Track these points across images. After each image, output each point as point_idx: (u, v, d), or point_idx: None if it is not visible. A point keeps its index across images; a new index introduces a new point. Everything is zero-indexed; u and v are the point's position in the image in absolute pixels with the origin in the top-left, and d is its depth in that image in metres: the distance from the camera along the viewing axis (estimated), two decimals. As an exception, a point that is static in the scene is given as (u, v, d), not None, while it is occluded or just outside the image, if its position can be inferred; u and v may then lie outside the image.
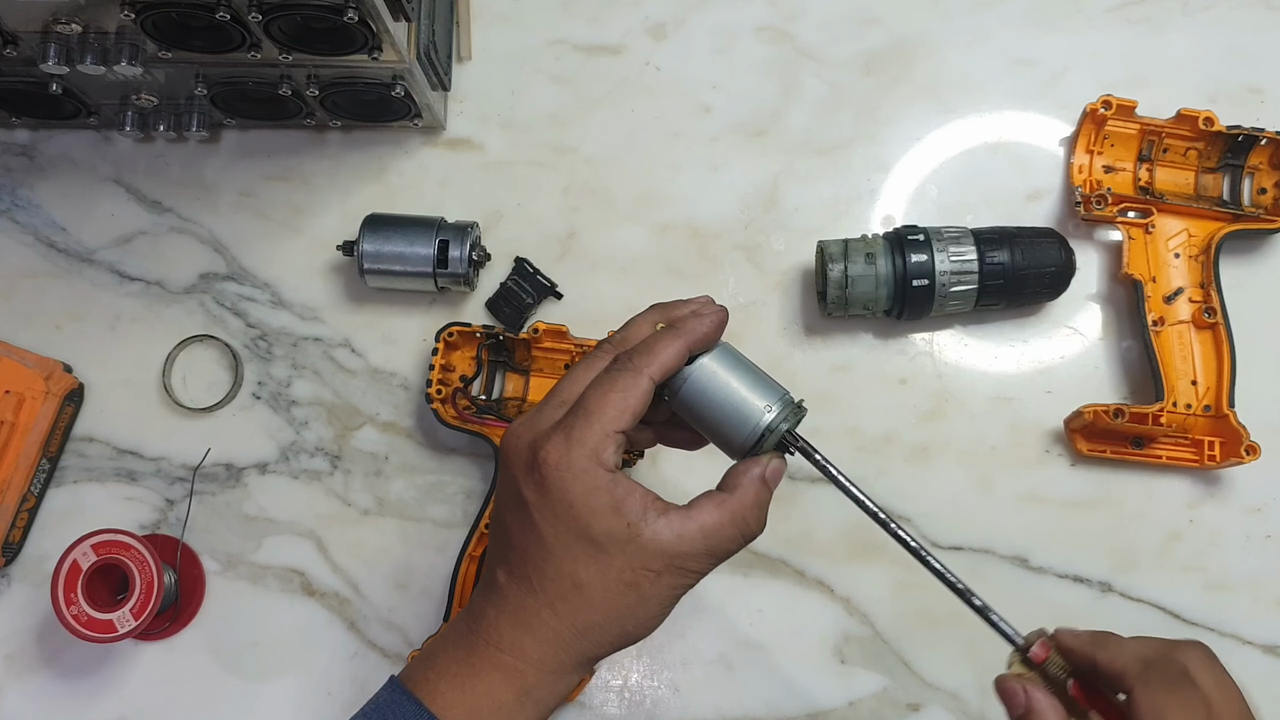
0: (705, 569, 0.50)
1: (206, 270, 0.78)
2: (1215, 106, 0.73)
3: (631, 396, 0.49)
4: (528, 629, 0.50)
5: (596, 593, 0.49)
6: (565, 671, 0.50)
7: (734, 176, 0.78)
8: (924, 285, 0.70)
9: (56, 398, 0.73)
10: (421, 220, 0.73)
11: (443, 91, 0.77)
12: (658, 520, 0.49)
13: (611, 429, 0.49)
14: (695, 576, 0.50)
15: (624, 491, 0.49)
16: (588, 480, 0.48)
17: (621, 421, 0.49)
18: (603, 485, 0.48)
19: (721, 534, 0.50)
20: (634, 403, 0.49)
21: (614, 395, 0.49)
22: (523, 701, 0.50)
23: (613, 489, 0.48)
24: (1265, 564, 0.72)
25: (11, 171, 0.79)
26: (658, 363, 0.50)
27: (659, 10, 0.80)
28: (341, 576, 0.73)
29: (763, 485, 0.51)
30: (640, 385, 0.49)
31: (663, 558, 0.49)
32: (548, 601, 0.49)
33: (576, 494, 0.48)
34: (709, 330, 0.52)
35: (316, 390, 0.76)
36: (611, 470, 0.49)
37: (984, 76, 0.79)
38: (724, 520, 0.50)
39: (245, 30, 0.63)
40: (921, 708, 0.71)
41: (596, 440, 0.48)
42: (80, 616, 0.65)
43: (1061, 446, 0.74)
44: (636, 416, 0.49)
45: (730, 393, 0.51)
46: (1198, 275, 0.73)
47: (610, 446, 0.49)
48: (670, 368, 0.51)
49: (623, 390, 0.49)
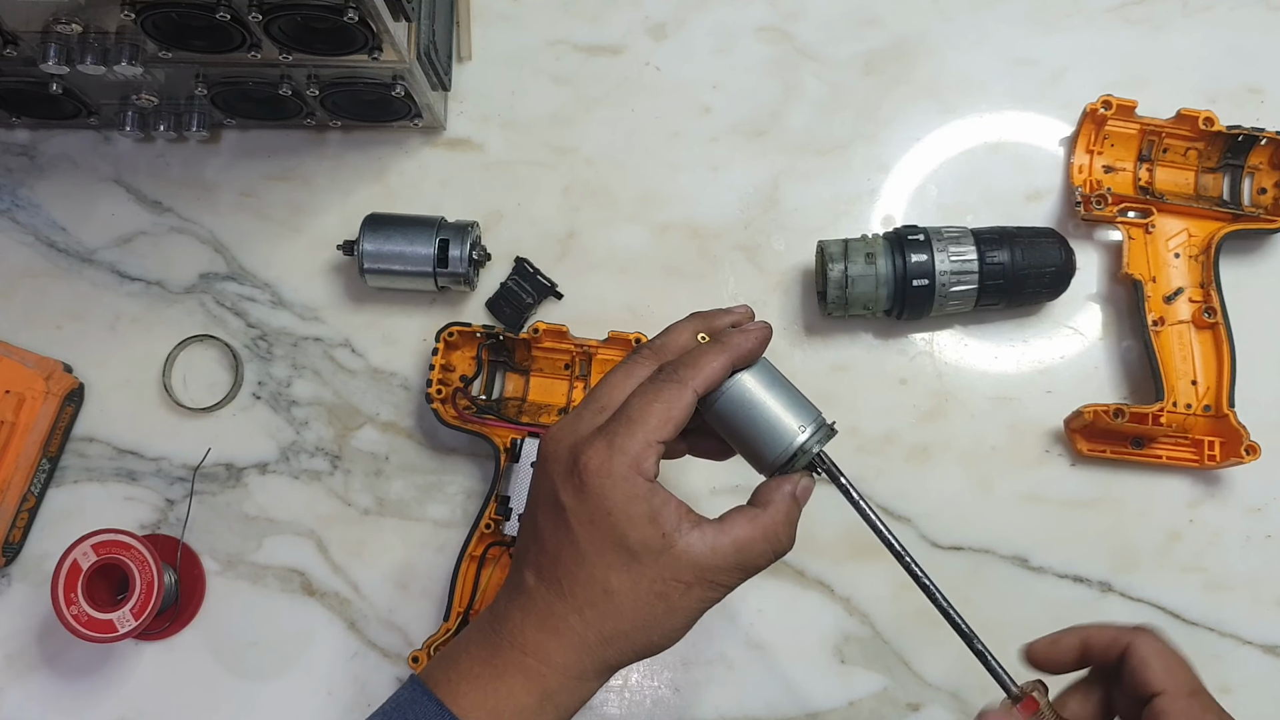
0: (734, 583, 0.51)
1: (207, 270, 0.78)
2: (1215, 106, 0.73)
3: (675, 409, 0.49)
4: (554, 633, 0.50)
5: (626, 601, 0.49)
6: (587, 678, 0.50)
7: (734, 176, 0.78)
8: (924, 285, 0.71)
9: (57, 398, 0.73)
10: (422, 220, 0.73)
11: (443, 91, 0.77)
12: (691, 532, 0.49)
13: (654, 439, 0.49)
14: (724, 590, 0.50)
15: (660, 502, 0.49)
16: (627, 488, 0.48)
17: (664, 432, 0.49)
18: (641, 494, 0.48)
19: (753, 548, 0.50)
20: (677, 414, 0.49)
21: (658, 406, 0.49)
22: (544, 706, 0.50)
23: (650, 499, 0.49)
24: (1265, 564, 0.72)
25: (12, 171, 0.79)
26: (702, 376, 0.50)
27: (659, 10, 0.80)
28: (342, 576, 0.73)
29: (794, 503, 0.51)
30: (684, 398, 0.49)
31: (694, 570, 0.49)
32: (576, 607, 0.49)
33: (615, 501, 0.48)
34: (753, 347, 0.52)
35: (317, 390, 0.76)
36: (651, 480, 0.49)
37: (984, 76, 0.79)
38: (756, 535, 0.50)
39: (245, 30, 0.63)
40: (921, 708, 0.71)
41: (638, 449, 0.48)
42: (80, 616, 0.65)
43: (1061, 446, 0.74)
44: (678, 428, 0.50)
45: (766, 410, 0.52)
46: (1198, 275, 0.73)
47: (651, 456, 0.49)
48: (714, 382, 0.51)
49: (667, 402, 0.49)
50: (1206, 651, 0.71)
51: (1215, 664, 0.71)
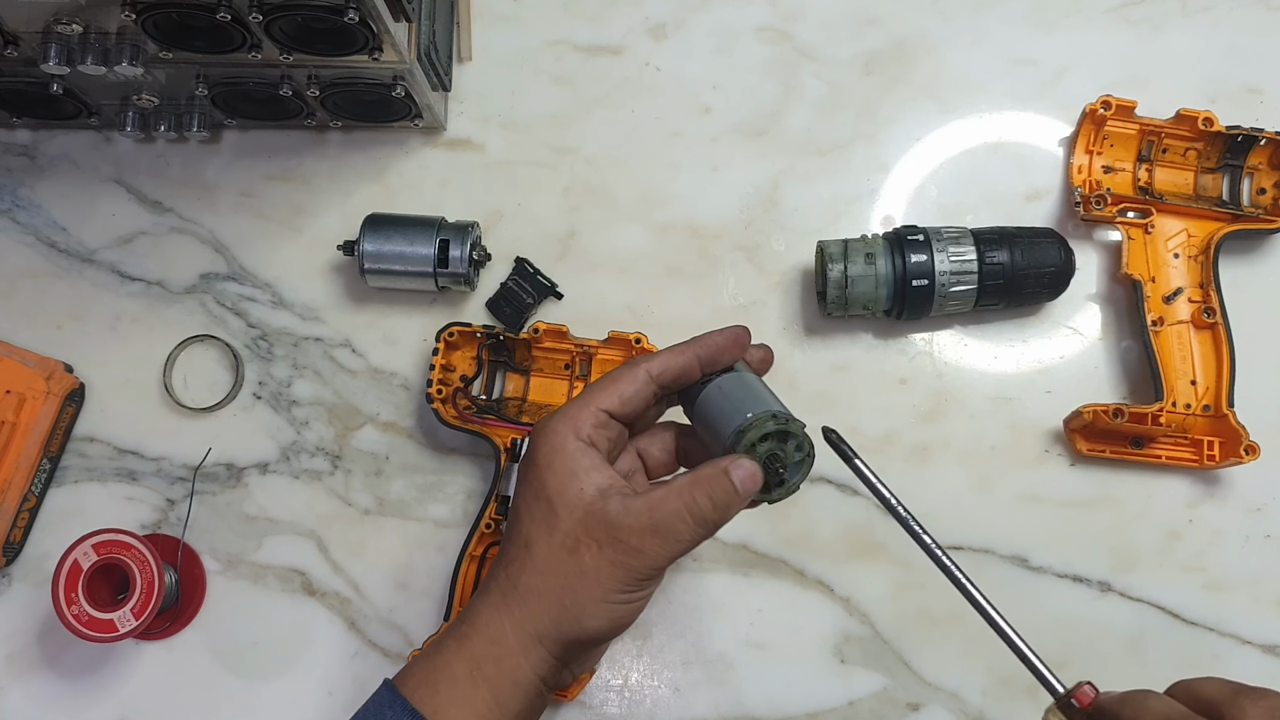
0: (650, 549, 0.49)
1: (207, 270, 0.78)
2: (1215, 106, 0.73)
3: (622, 382, 0.52)
4: (484, 593, 0.51)
5: (540, 553, 0.50)
6: (508, 645, 0.50)
7: (734, 176, 0.78)
8: (924, 285, 0.71)
9: (57, 398, 0.73)
10: (422, 220, 0.73)
11: (443, 92, 0.78)
12: (613, 497, 0.50)
13: (595, 405, 0.51)
14: (639, 558, 0.49)
15: (590, 463, 0.50)
16: (555, 442, 0.51)
17: (607, 400, 0.51)
18: (568, 449, 0.50)
19: (667, 507, 0.49)
20: (623, 386, 0.52)
21: (607, 381, 0.52)
22: (474, 677, 0.50)
23: (578, 456, 0.50)
24: (1265, 564, 0.72)
25: (12, 172, 0.79)
26: (658, 361, 0.53)
27: (659, 10, 0.80)
28: (342, 576, 0.73)
29: (723, 476, 0.50)
30: (636, 377, 0.52)
31: (606, 527, 0.49)
32: (505, 564, 0.51)
33: (543, 454, 0.51)
34: (722, 343, 0.53)
35: (317, 390, 0.76)
36: (585, 442, 0.51)
37: (984, 76, 0.79)
38: (671, 496, 0.50)
39: (246, 31, 0.63)
40: (921, 707, 0.71)
41: (578, 412, 0.51)
42: (81, 616, 0.65)
43: (1061, 446, 0.74)
44: (625, 400, 0.52)
45: (727, 403, 0.53)
46: (1197, 275, 0.73)
47: (589, 419, 0.51)
48: (669, 367, 0.53)
49: (617, 379, 0.52)
50: (1206, 651, 0.71)
51: (1215, 664, 0.71)
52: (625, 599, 0.50)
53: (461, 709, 0.49)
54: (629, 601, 0.50)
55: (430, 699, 0.50)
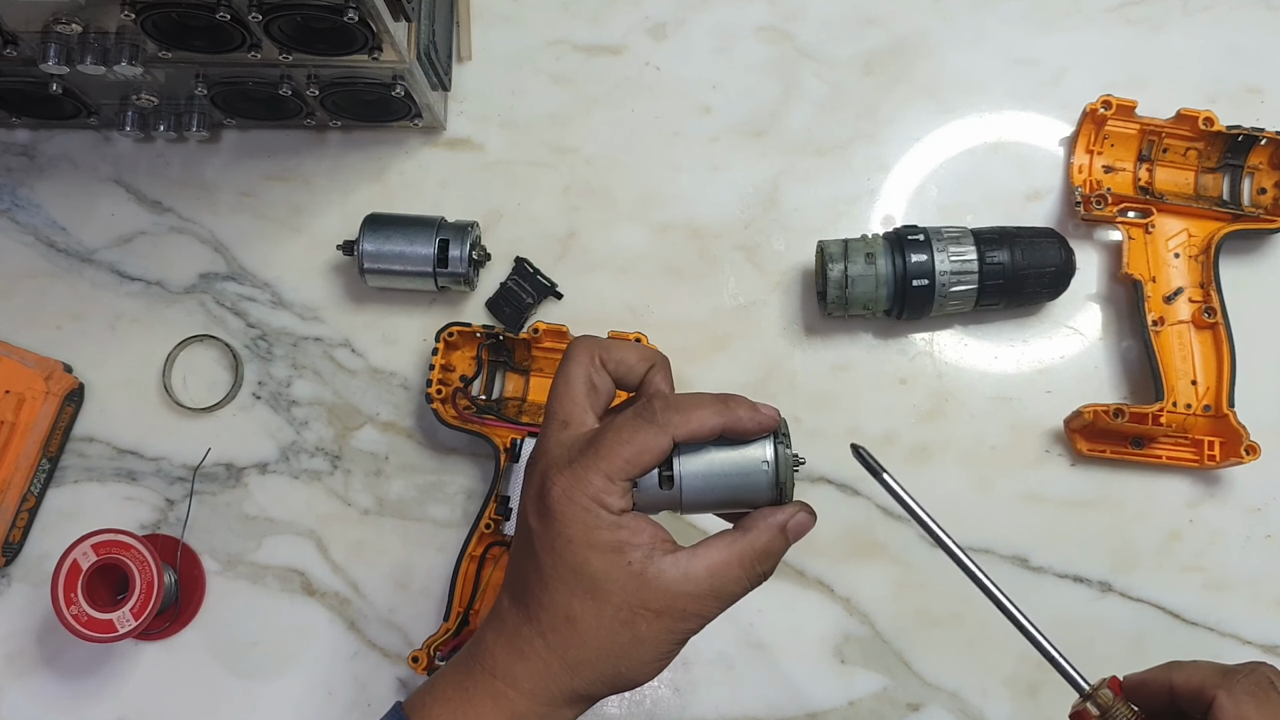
0: (708, 612, 0.49)
1: (207, 270, 0.78)
2: (1215, 106, 0.73)
3: (647, 454, 0.48)
4: (520, 657, 0.49)
5: (589, 628, 0.48)
6: (556, 705, 0.49)
7: (734, 176, 0.78)
8: (924, 285, 0.71)
9: (57, 398, 0.73)
10: (422, 220, 0.73)
11: (443, 91, 0.77)
12: (663, 559, 0.48)
13: (619, 477, 0.47)
14: (697, 621, 0.49)
15: (629, 532, 0.48)
16: (589, 519, 0.47)
17: (629, 472, 0.48)
18: (604, 525, 0.47)
19: (728, 574, 0.48)
20: (648, 459, 0.48)
21: (628, 448, 0.48)
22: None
23: (616, 530, 0.47)
24: (1265, 564, 0.72)
25: (12, 171, 0.79)
26: (688, 428, 0.48)
27: (659, 10, 0.80)
28: (342, 576, 0.73)
29: (779, 534, 0.49)
30: (659, 443, 0.48)
31: (664, 597, 0.48)
32: (540, 631, 0.49)
33: (576, 530, 0.47)
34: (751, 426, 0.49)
35: (317, 390, 0.76)
36: (616, 512, 0.48)
37: (984, 76, 0.79)
38: (732, 561, 0.48)
39: (245, 30, 0.63)
40: (921, 708, 0.71)
41: (601, 484, 0.47)
42: (80, 616, 0.65)
43: (1061, 446, 0.74)
44: (646, 471, 0.48)
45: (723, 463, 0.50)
46: (1197, 275, 0.73)
47: (615, 492, 0.47)
48: (698, 436, 0.48)
49: (639, 445, 0.48)
50: (1206, 652, 0.71)
51: (1215, 664, 0.71)
52: (675, 652, 0.50)
53: None
54: (676, 654, 0.50)
55: None
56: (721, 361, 0.75)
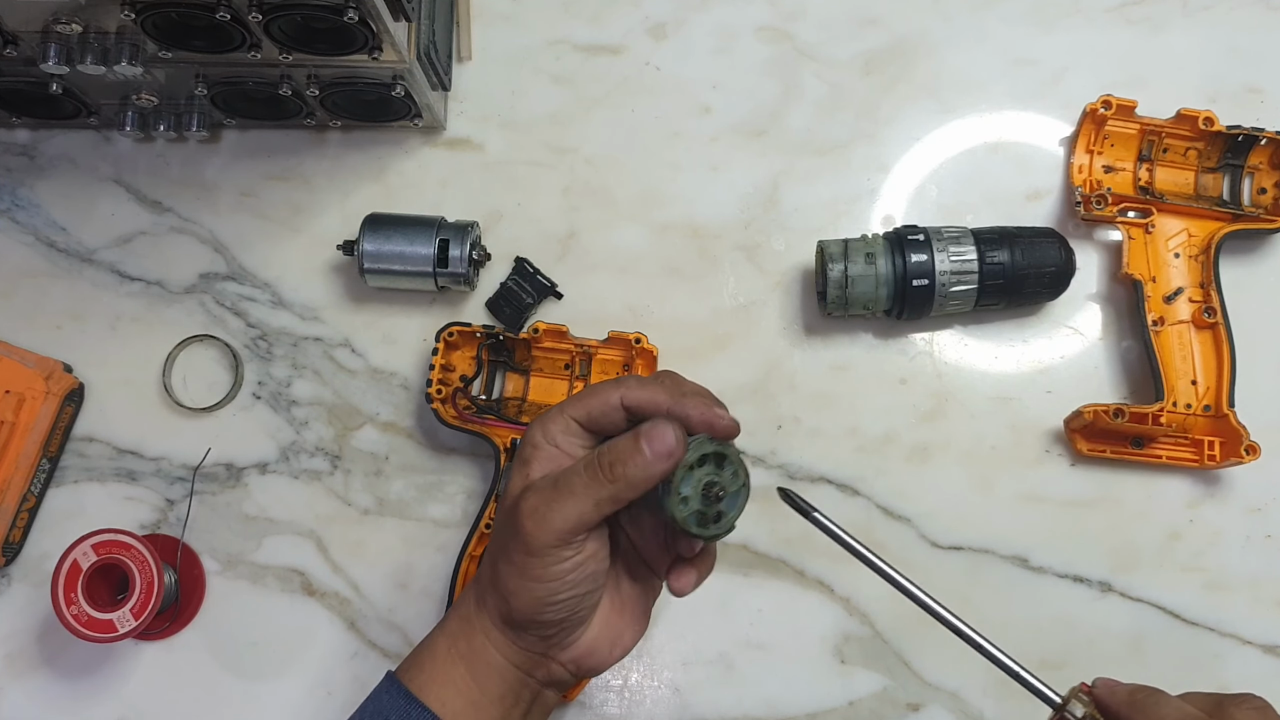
0: (542, 507, 0.49)
1: (207, 270, 0.78)
2: (1215, 106, 0.73)
3: (596, 399, 0.52)
4: (475, 580, 0.55)
5: (494, 537, 0.53)
6: (471, 621, 0.53)
7: (734, 176, 0.78)
8: (924, 285, 0.71)
9: (57, 397, 0.73)
10: (422, 220, 0.73)
11: (443, 91, 0.77)
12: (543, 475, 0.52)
13: (569, 413, 0.52)
14: (531, 520, 0.49)
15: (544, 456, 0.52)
16: (528, 442, 0.53)
17: (578, 411, 0.52)
18: (530, 441, 0.52)
19: (567, 466, 0.51)
20: (596, 405, 0.52)
21: (587, 393, 0.53)
22: (451, 654, 0.53)
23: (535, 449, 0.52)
24: (1265, 564, 0.72)
25: (12, 171, 0.79)
26: (639, 394, 0.51)
27: (659, 10, 0.80)
28: (342, 576, 0.73)
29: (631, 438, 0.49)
30: (609, 396, 0.52)
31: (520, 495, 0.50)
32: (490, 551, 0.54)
33: (521, 450, 0.53)
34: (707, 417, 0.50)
35: (317, 390, 0.76)
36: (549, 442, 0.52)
37: (984, 76, 0.79)
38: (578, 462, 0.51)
39: (245, 30, 0.63)
40: (921, 707, 0.71)
41: (554, 415, 0.52)
42: (80, 616, 0.65)
43: (1061, 446, 0.74)
44: (589, 413, 0.52)
45: None
46: (1197, 275, 0.73)
47: (556, 424, 0.52)
48: (643, 402, 0.51)
49: (595, 392, 0.52)
50: (1206, 651, 0.71)
51: (1215, 664, 0.71)
52: (533, 573, 0.49)
53: (443, 686, 0.52)
54: (541, 579, 0.50)
55: (417, 677, 0.53)
56: (721, 361, 0.75)
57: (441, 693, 0.52)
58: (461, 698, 0.52)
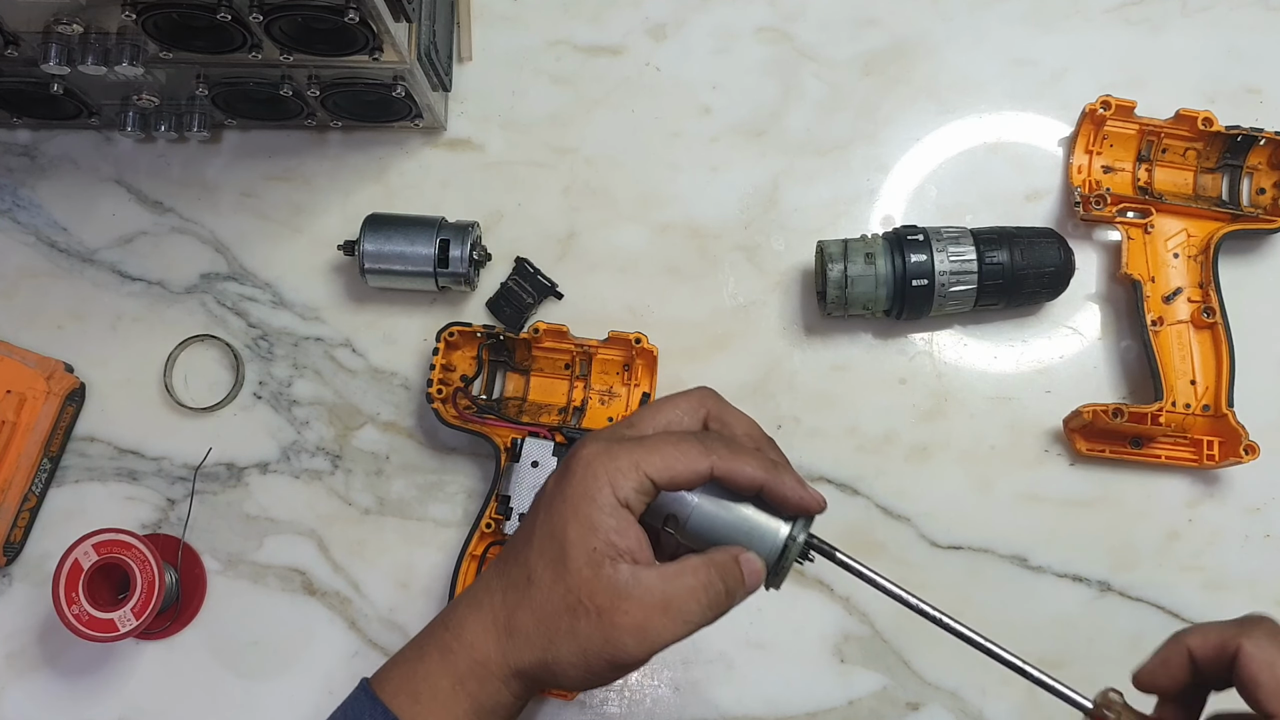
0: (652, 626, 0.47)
1: (208, 270, 0.78)
2: (1214, 106, 0.73)
3: (682, 462, 0.48)
4: (476, 607, 0.50)
5: (540, 595, 0.48)
6: (491, 670, 0.49)
7: (734, 176, 0.78)
8: (923, 285, 0.71)
9: (58, 397, 0.73)
10: (422, 220, 0.73)
11: (443, 92, 0.78)
12: (626, 565, 0.47)
13: (644, 470, 0.47)
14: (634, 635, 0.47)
15: (617, 524, 0.47)
16: (593, 489, 0.47)
17: (658, 471, 0.47)
18: (599, 502, 0.47)
19: (680, 584, 0.47)
20: (681, 470, 0.47)
21: (671, 449, 0.48)
22: (456, 691, 0.49)
23: (609, 514, 0.47)
24: (1264, 563, 0.72)
25: (13, 172, 0.79)
26: (731, 465, 0.48)
27: (659, 11, 0.80)
28: (342, 576, 0.73)
29: (734, 564, 0.48)
30: (701, 463, 0.48)
31: (609, 594, 0.46)
32: (503, 585, 0.49)
33: (578, 494, 0.47)
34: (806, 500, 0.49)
35: (317, 390, 0.76)
36: (621, 499, 0.47)
37: (984, 76, 0.79)
38: (686, 573, 0.47)
39: (246, 31, 0.63)
40: (921, 707, 0.71)
41: (626, 466, 0.47)
42: (81, 616, 0.65)
43: (1061, 446, 0.74)
44: (672, 481, 0.48)
45: (744, 512, 0.50)
46: (1197, 275, 0.73)
47: (633, 481, 0.47)
48: (736, 479, 0.48)
49: (683, 453, 0.48)
50: (1205, 651, 0.71)
51: (1214, 663, 0.71)
52: (604, 678, 0.48)
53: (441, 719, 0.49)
54: (607, 681, 0.49)
55: (410, 707, 0.49)
56: (721, 361, 0.76)
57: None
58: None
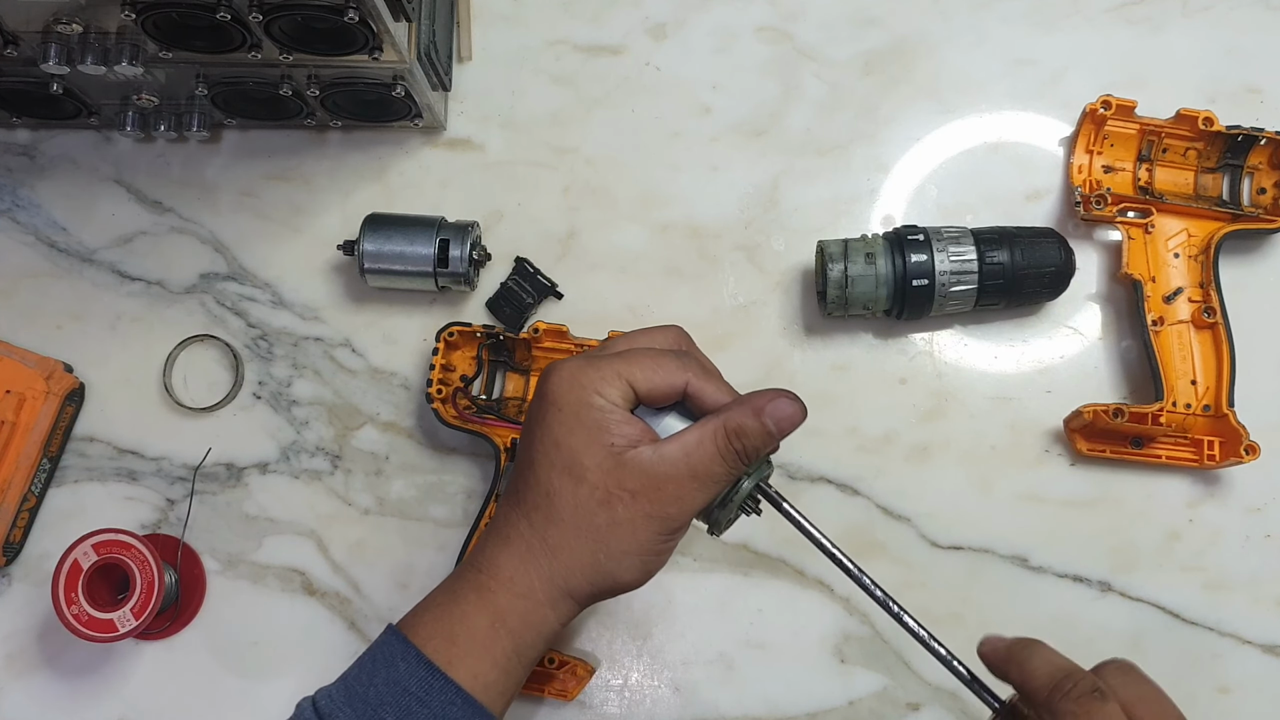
0: (686, 494, 0.49)
1: (207, 270, 0.78)
2: (1215, 106, 0.73)
3: (660, 374, 0.49)
4: (505, 543, 0.50)
5: (567, 504, 0.49)
6: (536, 599, 0.49)
7: (734, 176, 0.78)
8: (924, 285, 0.71)
9: (57, 397, 0.73)
10: (422, 220, 0.73)
11: (443, 92, 0.78)
12: (643, 448, 0.49)
13: (626, 379, 0.49)
14: (675, 504, 0.49)
15: (617, 420, 0.49)
16: (581, 395, 0.49)
17: (639, 380, 0.49)
18: (594, 405, 0.49)
19: (702, 450, 0.49)
20: (659, 381, 0.49)
21: (649, 360, 0.50)
22: (496, 629, 0.49)
23: (604, 413, 0.49)
24: (1265, 564, 0.72)
25: (12, 171, 0.79)
26: (704, 384, 0.50)
27: (659, 10, 0.80)
28: (342, 576, 0.73)
29: (754, 415, 0.49)
30: (677, 376, 0.49)
31: (639, 476, 0.48)
32: (525, 512, 0.50)
33: (566, 404, 0.49)
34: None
35: (317, 390, 0.76)
36: (609, 401, 0.49)
37: (984, 76, 0.79)
38: (705, 437, 0.49)
39: (246, 30, 0.63)
40: (921, 707, 0.71)
41: (608, 374, 0.49)
42: (81, 616, 0.65)
43: (1061, 446, 0.74)
44: (651, 390, 0.49)
45: None
46: (1197, 275, 0.73)
47: (617, 389, 0.49)
48: (705, 399, 0.50)
49: (661, 364, 0.49)
50: (1206, 651, 0.71)
51: (1215, 664, 0.71)
52: (660, 549, 0.50)
53: (480, 660, 0.48)
54: (662, 552, 0.50)
55: (446, 649, 0.48)
56: (721, 361, 0.74)
57: (476, 666, 0.48)
58: (498, 669, 0.49)
